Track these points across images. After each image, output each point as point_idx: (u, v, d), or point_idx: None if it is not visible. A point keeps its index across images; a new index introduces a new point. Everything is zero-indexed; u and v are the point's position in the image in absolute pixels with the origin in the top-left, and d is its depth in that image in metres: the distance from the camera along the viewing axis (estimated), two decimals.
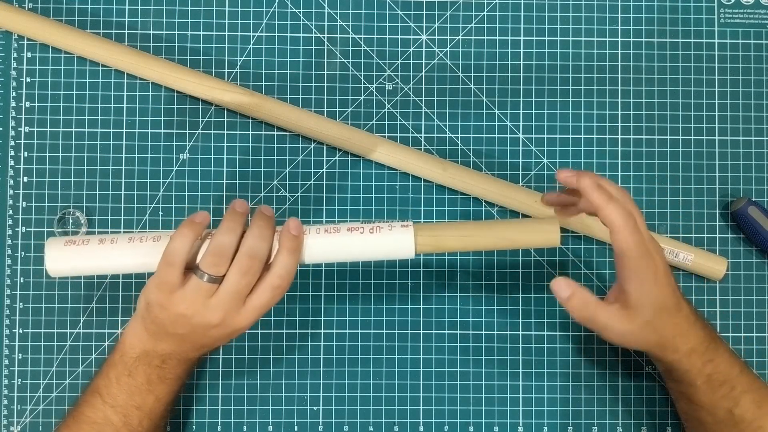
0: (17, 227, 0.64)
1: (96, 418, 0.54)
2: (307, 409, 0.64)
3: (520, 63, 0.66)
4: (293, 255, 0.51)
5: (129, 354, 0.53)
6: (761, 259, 0.65)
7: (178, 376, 0.55)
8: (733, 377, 0.55)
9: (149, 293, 0.51)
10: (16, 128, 0.65)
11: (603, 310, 0.52)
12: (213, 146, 0.65)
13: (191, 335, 0.52)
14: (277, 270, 0.51)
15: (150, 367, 0.53)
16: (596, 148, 0.66)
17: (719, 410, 0.55)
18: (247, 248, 0.50)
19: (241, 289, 0.51)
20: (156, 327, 0.52)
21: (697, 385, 0.55)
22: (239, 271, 0.50)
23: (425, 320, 0.64)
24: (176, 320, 0.51)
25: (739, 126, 0.66)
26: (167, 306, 0.51)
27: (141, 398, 0.54)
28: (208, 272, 0.50)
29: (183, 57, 0.65)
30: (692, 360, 0.54)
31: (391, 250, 0.52)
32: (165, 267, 0.51)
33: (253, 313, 0.51)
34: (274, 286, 0.51)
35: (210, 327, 0.51)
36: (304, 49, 0.66)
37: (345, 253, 0.53)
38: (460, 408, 0.64)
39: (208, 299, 0.50)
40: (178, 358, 0.54)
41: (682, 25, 0.67)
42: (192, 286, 0.50)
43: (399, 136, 0.65)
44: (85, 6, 0.65)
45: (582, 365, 0.64)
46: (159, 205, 0.64)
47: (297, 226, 0.52)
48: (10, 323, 0.64)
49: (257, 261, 0.51)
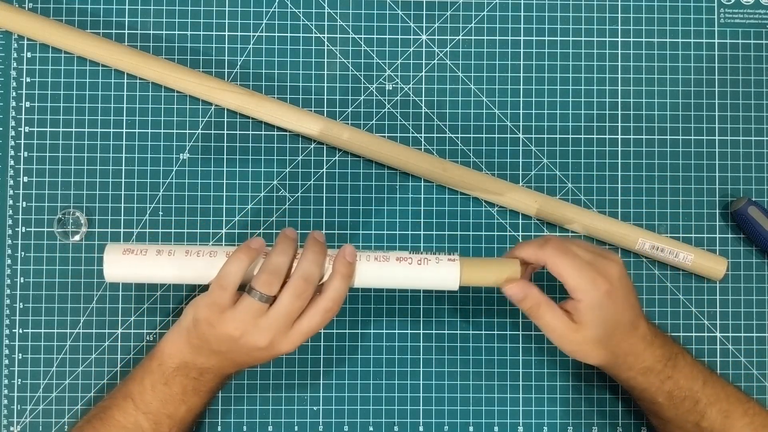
0: (17, 227, 0.64)
1: (126, 423, 0.54)
2: (307, 409, 0.64)
3: (520, 63, 0.66)
4: (346, 280, 0.52)
5: (168, 363, 0.54)
6: (761, 259, 0.65)
7: (212, 389, 0.56)
8: (696, 391, 0.55)
9: (199, 310, 0.52)
10: (16, 128, 0.65)
11: (553, 312, 0.52)
12: (213, 146, 0.65)
13: (234, 354, 0.53)
14: (329, 294, 0.52)
15: (187, 378, 0.54)
16: (596, 148, 0.66)
17: (686, 424, 0.55)
18: (302, 271, 0.51)
19: (293, 312, 0.51)
20: (200, 342, 0.52)
21: (659, 402, 0.55)
22: (293, 293, 0.51)
23: (425, 320, 0.64)
24: (222, 339, 0.52)
25: (739, 126, 0.66)
26: (216, 325, 0.51)
27: (174, 407, 0.54)
28: (261, 290, 0.51)
29: (183, 57, 0.65)
30: (649, 379, 0.54)
31: (436, 283, 0.54)
32: (218, 289, 0.51)
33: (300, 337, 0.52)
34: (325, 310, 0.52)
35: (256, 349, 0.52)
36: (304, 49, 0.66)
37: (391, 281, 0.54)
38: (460, 408, 0.64)
39: (257, 320, 0.51)
40: (215, 372, 0.54)
41: (682, 25, 0.67)
42: (244, 306, 0.51)
43: (399, 136, 0.65)
44: (85, 6, 0.65)
45: (582, 365, 0.64)
46: (159, 205, 0.64)
47: (352, 252, 0.53)
48: (10, 323, 0.64)
49: (311, 284, 0.51)
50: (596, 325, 0.52)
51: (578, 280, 0.51)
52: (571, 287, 0.52)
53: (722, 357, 0.64)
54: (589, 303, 0.51)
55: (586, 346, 0.53)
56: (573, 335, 0.52)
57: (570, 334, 0.52)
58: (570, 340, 0.53)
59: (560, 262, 0.52)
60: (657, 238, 0.63)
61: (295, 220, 0.64)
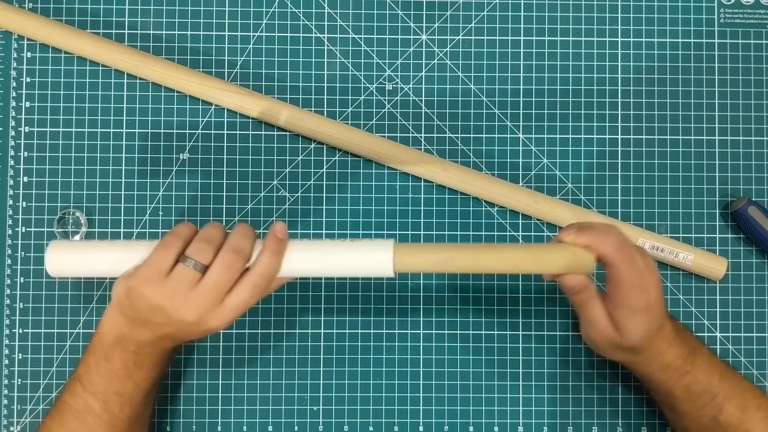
0: (17, 227, 0.64)
1: (77, 406, 0.54)
2: (307, 409, 0.64)
3: (520, 63, 0.66)
4: (275, 256, 0.52)
5: (106, 339, 0.53)
6: (761, 259, 0.65)
7: (155, 363, 0.55)
8: (714, 385, 0.55)
9: (132, 279, 0.52)
10: (16, 128, 0.65)
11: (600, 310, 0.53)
12: (213, 146, 0.65)
13: (166, 327, 0.52)
14: (258, 269, 0.52)
15: (126, 352, 0.53)
16: (596, 148, 0.66)
17: (703, 418, 0.55)
18: (232, 243, 0.52)
19: (223, 284, 0.51)
20: (133, 312, 0.52)
21: (676, 395, 0.55)
22: (223, 264, 0.51)
23: (425, 320, 0.64)
24: (154, 309, 0.51)
25: (739, 126, 0.66)
26: (147, 294, 0.51)
27: (120, 384, 0.54)
28: (194, 257, 0.51)
29: (183, 57, 0.65)
30: (667, 374, 0.54)
31: (369, 265, 0.53)
32: (161, 248, 0.51)
33: (230, 312, 0.52)
34: (254, 285, 0.52)
35: (186, 323, 0.52)
36: (304, 49, 0.66)
37: (324, 264, 0.53)
38: (460, 408, 0.64)
39: (188, 291, 0.51)
40: (153, 346, 0.54)
41: (682, 25, 0.67)
42: (176, 274, 0.51)
43: (399, 136, 0.65)
44: (85, 6, 0.65)
45: (582, 365, 0.64)
46: (159, 205, 0.64)
47: (282, 229, 0.53)
48: (10, 323, 0.64)
49: (241, 256, 0.51)
50: (633, 334, 0.52)
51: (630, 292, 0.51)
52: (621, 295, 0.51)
53: (722, 357, 0.64)
54: (631, 313, 0.52)
55: (615, 348, 0.54)
56: (612, 335, 0.53)
57: (609, 334, 0.53)
58: (605, 338, 0.54)
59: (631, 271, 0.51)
60: (657, 238, 0.63)
61: (295, 220, 0.64)
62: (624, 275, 0.51)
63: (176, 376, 0.64)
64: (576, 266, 0.52)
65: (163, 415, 0.63)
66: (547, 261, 0.52)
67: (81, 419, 0.54)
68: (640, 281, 0.51)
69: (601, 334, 0.54)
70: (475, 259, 0.53)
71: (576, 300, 0.54)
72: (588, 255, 0.52)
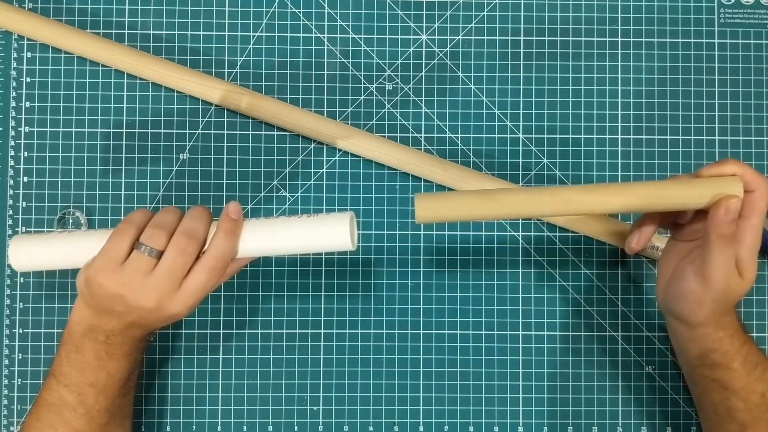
0: (17, 227, 0.64)
1: (53, 400, 0.54)
2: (307, 409, 0.64)
3: (520, 63, 0.66)
4: (230, 237, 0.52)
5: (75, 330, 0.53)
6: (761, 259, 0.65)
7: (127, 353, 0.54)
8: (764, 360, 0.55)
9: (89, 270, 0.52)
10: (16, 128, 0.65)
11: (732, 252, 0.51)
12: (213, 146, 0.65)
13: (130, 315, 0.52)
14: (212, 251, 0.51)
15: (96, 342, 0.53)
16: (596, 148, 0.66)
17: (753, 394, 0.55)
18: (184, 227, 0.51)
19: (177, 269, 0.51)
20: (95, 303, 0.52)
21: (733, 368, 0.55)
22: (176, 249, 0.51)
23: (425, 320, 0.64)
24: (114, 298, 0.51)
25: (739, 126, 0.66)
26: (105, 284, 0.51)
27: (93, 375, 0.53)
28: (147, 243, 0.50)
29: (183, 57, 0.65)
30: (734, 340, 0.54)
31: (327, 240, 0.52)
32: (114, 236, 0.51)
33: (188, 297, 0.52)
34: (210, 267, 0.51)
35: (146, 310, 0.51)
36: (304, 49, 0.66)
37: (283, 241, 0.52)
38: (460, 408, 0.64)
39: (144, 278, 0.51)
40: (122, 335, 0.53)
41: (682, 25, 0.67)
42: (131, 261, 0.51)
43: (399, 136, 0.65)
44: (85, 6, 0.65)
45: (582, 365, 0.64)
46: (159, 206, 0.64)
47: (236, 209, 0.52)
48: (10, 323, 0.64)
49: (194, 241, 0.51)
50: (751, 276, 0.52)
51: (760, 223, 0.51)
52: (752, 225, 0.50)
53: None
54: (754, 249, 0.51)
55: (723, 299, 0.53)
56: (733, 281, 0.52)
57: (732, 279, 0.52)
58: (726, 284, 0.52)
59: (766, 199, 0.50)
60: (657, 238, 0.63)
61: None
62: (762, 204, 0.50)
63: (176, 376, 0.64)
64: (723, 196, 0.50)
65: (163, 415, 0.63)
66: (694, 194, 0.50)
67: (57, 413, 0.53)
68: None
69: (726, 278, 0.51)
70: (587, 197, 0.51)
71: (725, 232, 0.50)
72: (736, 181, 0.50)
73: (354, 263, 0.65)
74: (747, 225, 0.51)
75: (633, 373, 0.64)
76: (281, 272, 0.64)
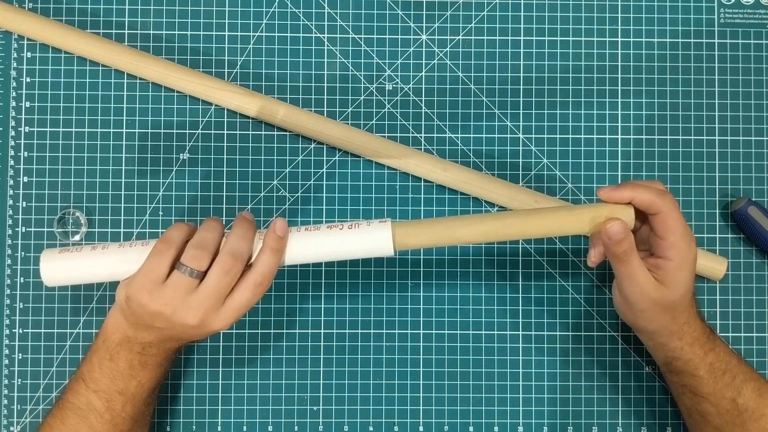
0: (17, 227, 0.64)
1: (80, 404, 0.54)
2: (307, 409, 0.64)
3: (520, 63, 0.66)
4: (276, 255, 0.52)
5: (111, 339, 0.54)
6: (761, 259, 0.65)
7: (159, 363, 0.55)
8: (734, 366, 0.55)
9: (130, 288, 0.52)
10: (16, 128, 0.65)
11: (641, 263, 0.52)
12: (213, 146, 0.65)
13: (170, 330, 0.52)
14: (258, 268, 0.52)
15: (131, 353, 0.53)
16: (596, 148, 0.66)
17: (723, 400, 0.55)
18: (229, 247, 0.51)
19: (222, 288, 0.51)
20: (136, 318, 0.52)
21: (699, 376, 0.55)
22: (221, 269, 0.51)
23: (425, 320, 0.64)
24: (155, 316, 0.51)
25: (739, 126, 0.66)
26: (146, 303, 0.51)
27: (123, 383, 0.54)
28: (189, 265, 0.50)
29: (183, 57, 0.65)
30: (695, 349, 0.55)
31: (370, 247, 0.53)
32: (154, 256, 0.51)
33: (232, 314, 0.52)
34: (256, 284, 0.51)
35: (188, 326, 0.52)
36: (304, 49, 0.66)
37: (325, 251, 0.53)
38: (460, 408, 0.64)
39: (187, 297, 0.51)
40: (158, 347, 0.54)
41: (682, 25, 0.67)
42: (173, 282, 0.51)
43: (399, 136, 0.65)
44: (85, 6, 0.65)
45: (582, 365, 0.64)
46: (159, 205, 0.64)
47: (283, 227, 0.52)
48: (10, 323, 0.64)
49: (239, 260, 0.51)
50: (678, 287, 0.52)
51: (680, 239, 0.52)
52: (670, 244, 0.52)
53: None
54: (680, 264, 0.52)
55: (657, 308, 0.53)
56: (653, 292, 0.52)
57: (651, 291, 0.52)
58: (646, 296, 0.53)
59: (676, 217, 0.51)
60: None
61: (295, 220, 0.64)
62: (673, 223, 0.51)
63: (176, 376, 0.64)
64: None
65: (163, 415, 0.63)
66: (579, 220, 0.52)
67: (83, 417, 0.54)
68: (687, 229, 0.52)
69: (641, 291, 0.53)
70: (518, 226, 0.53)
71: (617, 252, 0.52)
72: (627, 209, 0.52)
73: (354, 263, 0.65)
74: (665, 244, 0.52)
75: (633, 373, 0.64)
76: (281, 272, 0.64)
